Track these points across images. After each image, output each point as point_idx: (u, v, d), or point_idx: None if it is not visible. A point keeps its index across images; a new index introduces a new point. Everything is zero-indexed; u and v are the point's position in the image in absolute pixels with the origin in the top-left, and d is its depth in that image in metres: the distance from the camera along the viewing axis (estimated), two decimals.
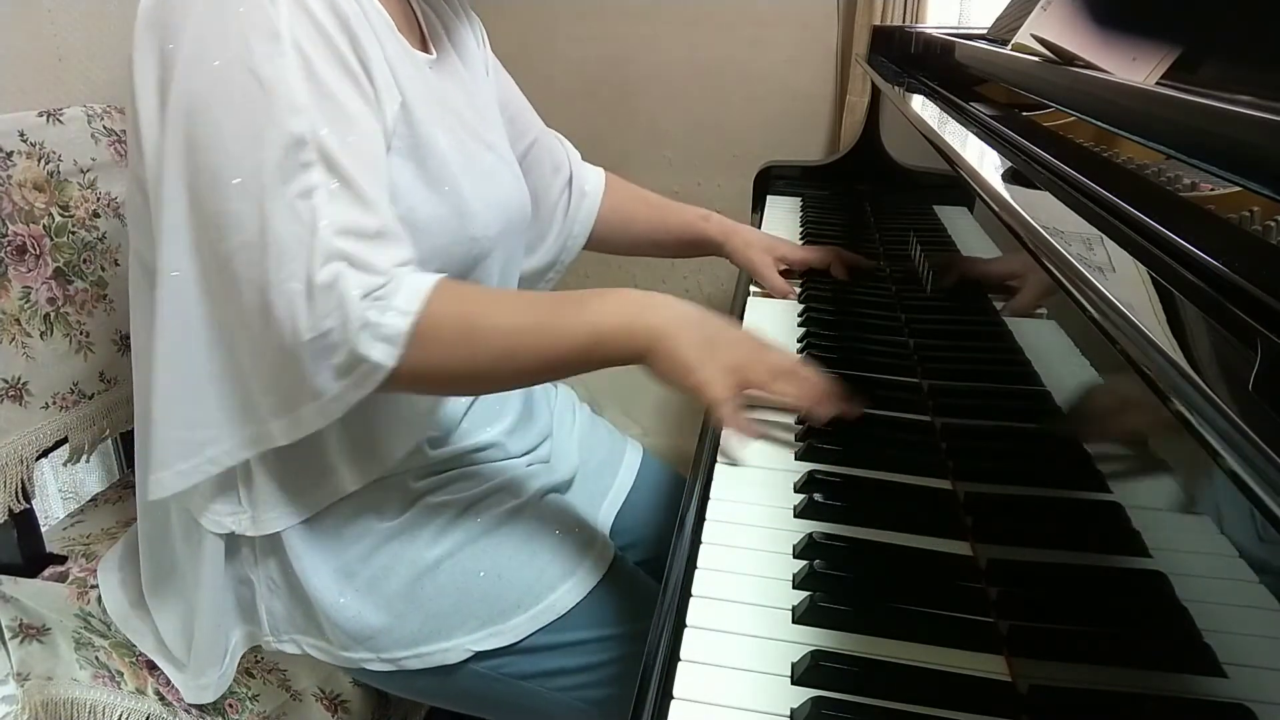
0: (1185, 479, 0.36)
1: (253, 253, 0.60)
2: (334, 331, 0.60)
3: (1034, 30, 0.81)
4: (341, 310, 0.60)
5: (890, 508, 0.65)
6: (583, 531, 0.82)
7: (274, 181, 0.60)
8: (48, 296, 0.90)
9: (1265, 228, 0.43)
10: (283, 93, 0.60)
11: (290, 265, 0.60)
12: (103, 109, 0.98)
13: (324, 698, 0.86)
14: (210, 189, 0.61)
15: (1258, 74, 0.55)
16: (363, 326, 0.61)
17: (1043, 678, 0.48)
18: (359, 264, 0.61)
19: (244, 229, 0.61)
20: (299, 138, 0.60)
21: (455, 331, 0.64)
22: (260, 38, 0.60)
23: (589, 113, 1.93)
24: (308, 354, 0.61)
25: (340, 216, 0.61)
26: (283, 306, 0.60)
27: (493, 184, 0.80)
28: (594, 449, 0.98)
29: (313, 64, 0.62)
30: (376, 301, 0.61)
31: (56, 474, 1.52)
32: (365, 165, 0.63)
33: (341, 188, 0.61)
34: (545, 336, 0.66)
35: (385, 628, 0.75)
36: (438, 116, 0.74)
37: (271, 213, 0.60)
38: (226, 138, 0.60)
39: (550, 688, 0.76)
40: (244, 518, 0.74)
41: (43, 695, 0.93)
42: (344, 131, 0.62)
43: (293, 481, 0.74)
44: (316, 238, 0.60)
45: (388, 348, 0.61)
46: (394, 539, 0.76)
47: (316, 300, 0.60)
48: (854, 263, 1.08)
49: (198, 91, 0.61)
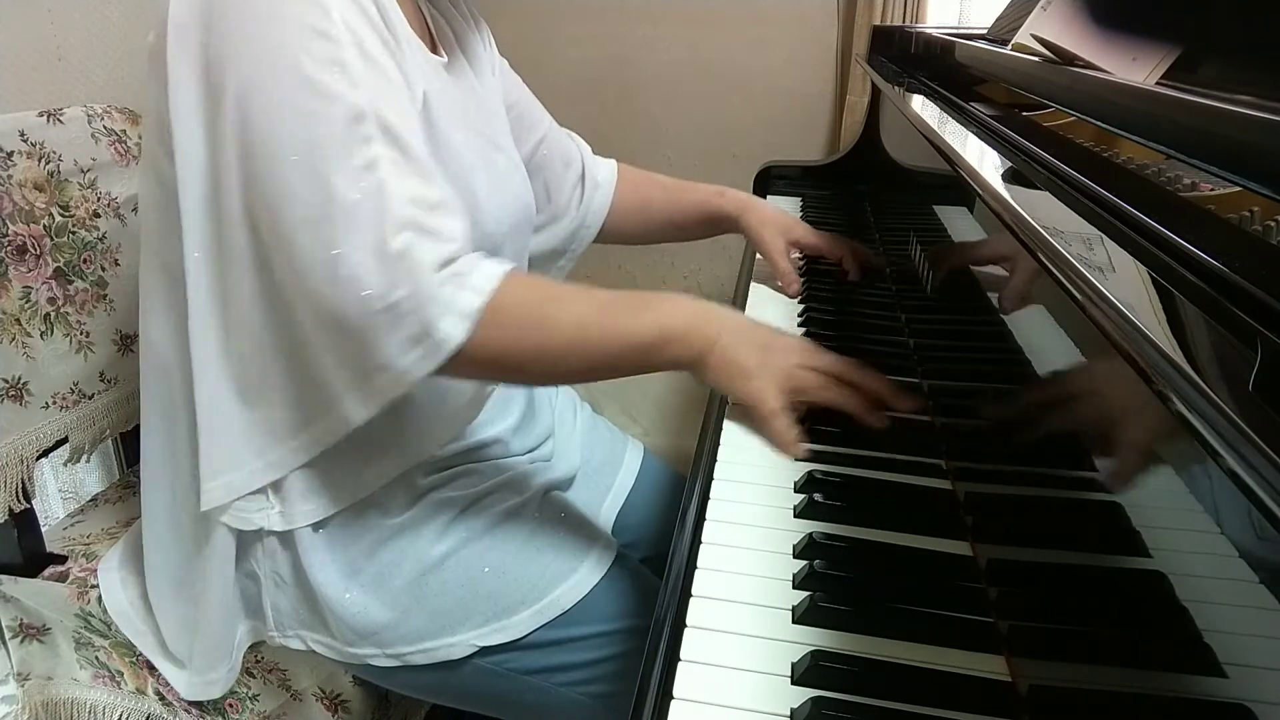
0: (1185, 479, 0.36)
1: (317, 227, 0.60)
2: (405, 300, 0.60)
3: (1034, 30, 0.81)
4: (413, 279, 0.60)
5: (890, 508, 0.65)
6: (585, 528, 0.82)
7: (337, 154, 0.60)
8: (48, 296, 0.90)
9: (1265, 228, 0.43)
10: (339, 70, 0.61)
11: (358, 236, 0.60)
12: (103, 109, 0.98)
13: (324, 697, 0.86)
14: (267, 170, 0.61)
15: (1258, 74, 0.55)
16: (434, 299, 0.61)
17: (1043, 678, 0.48)
18: (429, 231, 0.61)
19: (306, 203, 0.61)
20: (359, 111, 0.61)
21: (527, 316, 0.65)
22: (312, 16, 0.61)
23: (590, 113, 1.93)
24: (378, 325, 0.61)
25: (405, 187, 0.61)
26: (349, 277, 0.60)
27: (504, 183, 0.81)
28: (595, 448, 0.99)
29: (364, 42, 0.63)
30: (454, 276, 0.62)
31: (56, 474, 1.52)
32: (420, 139, 0.64)
33: (404, 159, 0.62)
34: (612, 331, 0.67)
35: (390, 623, 0.75)
36: (453, 117, 0.75)
37: (336, 184, 0.60)
38: (287, 116, 0.60)
39: (554, 683, 0.76)
40: (272, 513, 0.74)
41: (43, 695, 0.93)
42: (399, 106, 0.63)
43: (327, 474, 0.74)
44: (386, 207, 0.60)
45: (460, 322, 0.62)
46: (400, 535, 0.76)
47: (389, 268, 0.60)
48: (865, 259, 1.08)
49: (253, 77, 0.61)
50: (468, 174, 0.74)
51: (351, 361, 0.63)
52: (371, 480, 0.75)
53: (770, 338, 0.71)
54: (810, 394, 0.69)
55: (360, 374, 0.64)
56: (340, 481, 0.74)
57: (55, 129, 0.91)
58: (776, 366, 0.68)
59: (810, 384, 0.69)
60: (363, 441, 0.73)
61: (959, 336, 0.79)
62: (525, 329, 0.65)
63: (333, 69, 0.61)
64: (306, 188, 0.61)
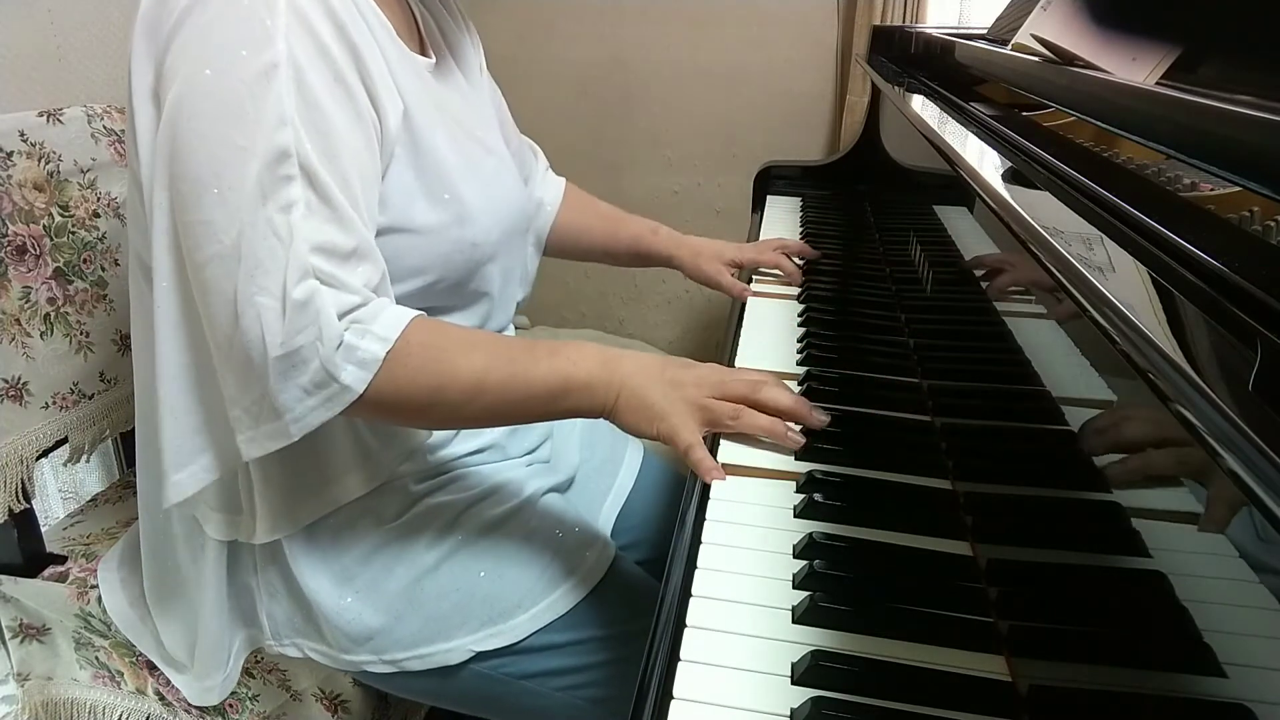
0: (1185, 479, 0.36)
1: (227, 264, 0.60)
2: (306, 348, 0.60)
3: (1034, 30, 0.81)
4: (317, 327, 0.60)
5: (890, 508, 0.65)
6: (583, 531, 0.82)
7: (255, 194, 0.59)
8: (48, 296, 0.90)
9: (1265, 228, 0.43)
10: (271, 105, 0.59)
11: (263, 279, 0.59)
12: (103, 109, 0.98)
13: (324, 698, 0.86)
14: (191, 197, 0.60)
15: (1258, 74, 0.55)
16: (339, 346, 0.61)
17: (1043, 678, 0.48)
18: (333, 282, 0.61)
19: (219, 239, 0.60)
20: (283, 150, 0.60)
21: (426, 362, 0.64)
22: (254, 48, 0.59)
23: (589, 113, 1.93)
24: (276, 370, 0.60)
25: (316, 233, 0.60)
26: (253, 319, 0.59)
27: (494, 187, 0.80)
28: (595, 448, 0.99)
29: (305, 76, 0.61)
30: (355, 324, 0.61)
31: (56, 474, 1.52)
32: (347, 182, 0.63)
33: (320, 203, 0.61)
34: (512, 380, 0.66)
35: (386, 629, 0.75)
36: (439, 122, 0.74)
37: (249, 224, 0.59)
38: (211, 146, 0.60)
39: (551, 687, 0.76)
40: (248, 525, 0.74)
41: (43, 695, 0.93)
42: (329, 147, 0.62)
43: (293, 491, 0.74)
44: (292, 253, 0.59)
45: (360, 372, 0.61)
46: (394, 541, 0.76)
47: (290, 316, 0.59)
48: (800, 252, 1.12)
49: (187, 99, 0.60)
50: (454, 183, 0.73)
51: (247, 401, 0.62)
52: (337, 496, 0.75)
53: (679, 373, 0.70)
54: (722, 425, 0.69)
55: (253, 416, 0.63)
56: (304, 498, 0.74)
57: (55, 129, 0.91)
58: (688, 401, 0.68)
59: (722, 414, 0.68)
60: (322, 459, 0.73)
61: (959, 337, 0.79)
62: (424, 376, 0.64)
63: (265, 102, 0.59)
64: (222, 221, 0.60)
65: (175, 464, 0.67)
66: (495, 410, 0.67)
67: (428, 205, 0.71)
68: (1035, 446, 0.55)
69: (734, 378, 0.71)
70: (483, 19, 0.93)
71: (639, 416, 0.67)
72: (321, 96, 0.62)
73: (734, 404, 0.69)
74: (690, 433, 0.67)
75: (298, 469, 0.72)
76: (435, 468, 0.80)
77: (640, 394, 0.67)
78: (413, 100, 0.70)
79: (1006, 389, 0.63)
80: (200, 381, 0.66)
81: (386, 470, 0.76)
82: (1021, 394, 0.58)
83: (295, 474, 0.73)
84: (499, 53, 1.00)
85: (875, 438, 0.73)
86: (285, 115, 0.60)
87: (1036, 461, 0.55)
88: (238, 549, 0.77)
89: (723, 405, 0.69)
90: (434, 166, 0.72)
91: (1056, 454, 0.51)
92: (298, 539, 0.75)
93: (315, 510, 0.75)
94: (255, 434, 0.63)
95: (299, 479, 0.73)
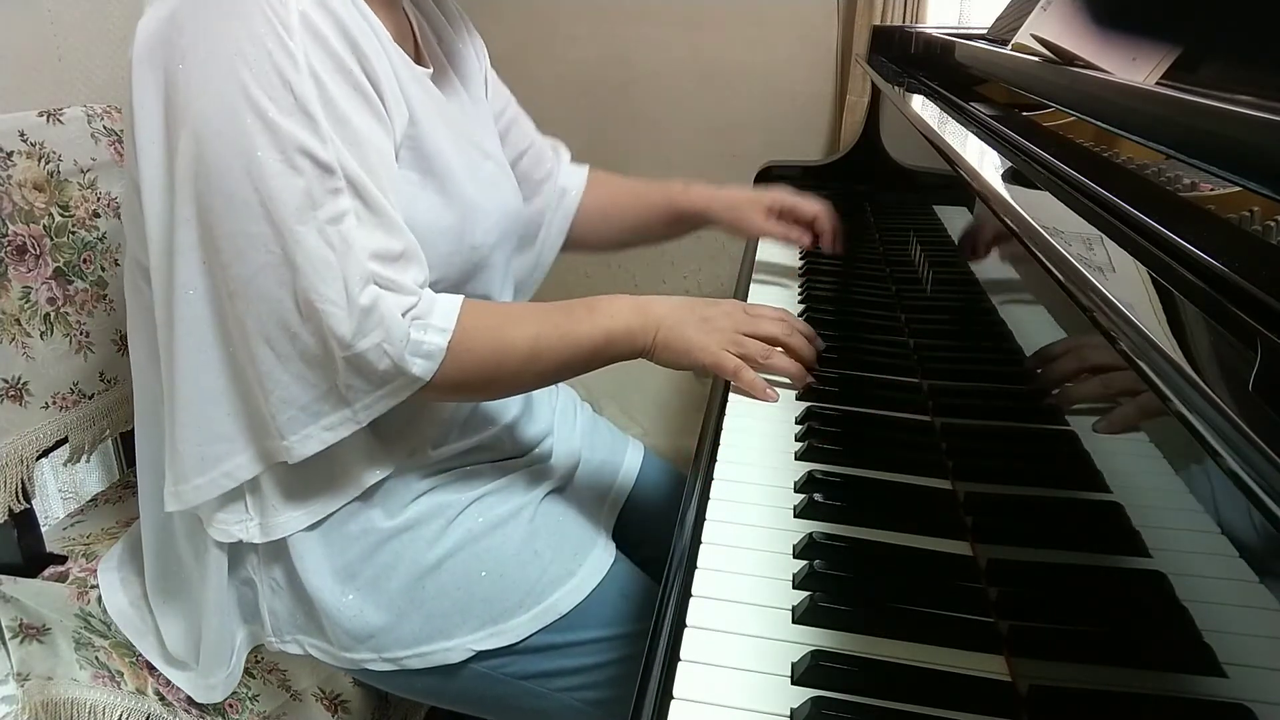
0: (1185, 479, 0.36)
1: (280, 272, 0.62)
2: (373, 350, 0.64)
3: (1034, 30, 0.81)
4: (384, 329, 0.63)
5: (890, 508, 0.65)
6: (584, 532, 0.82)
7: (303, 206, 0.61)
8: (48, 296, 0.90)
9: (1265, 228, 0.43)
10: (307, 119, 0.61)
11: (324, 288, 0.62)
12: (103, 109, 0.98)
13: (324, 698, 0.86)
14: (227, 211, 0.61)
15: (1258, 74, 0.55)
16: (406, 344, 0.65)
17: (1043, 678, 0.48)
18: (392, 286, 0.64)
19: (269, 250, 0.62)
20: (328, 165, 0.61)
21: (486, 343, 0.69)
22: (278, 61, 0.60)
23: (589, 113, 1.93)
24: (345, 367, 0.64)
25: (370, 241, 0.63)
26: (318, 323, 0.62)
27: (494, 192, 0.81)
28: (595, 448, 0.99)
29: (326, 89, 0.62)
30: (416, 320, 0.65)
31: (56, 474, 1.52)
32: (385, 188, 0.65)
33: (368, 212, 0.64)
34: (561, 341, 0.72)
35: (387, 627, 0.75)
36: (441, 128, 0.74)
37: (302, 236, 0.61)
38: (246, 159, 0.60)
39: (551, 688, 0.76)
40: (251, 525, 0.74)
41: (43, 695, 0.93)
42: (364, 157, 0.64)
43: (304, 486, 0.74)
44: (351, 262, 0.62)
45: (427, 363, 0.66)
46: (395, 538, 0.76)
47: (358, 321, 0.63)
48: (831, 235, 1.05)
49: (213, 112, 0.60)
50: (458, 186, 0.74)
51: (306, 399, 0.66)
52: (349, 488, 0.75)
53: (708, 310, 0.76)
54: (753, 361, 0.76)
55: (311, 414, 0.66)
56: (317, 492, 0.74)
57: (55, 129, 0.91)
58: (719, 332, 0.75)
59: (755, 352, 0.76)
60: (331, 453, 0.72)
61: (959, 337, 0.79)
62: (486, 355, 0.69)
63: (301, 118, 0.60)
64: (269, 233, 0.61)
65: (197, 469, 0.69)
66: (549, 372, 0.73)
67: (432, 207, 0.72)
68: (1035, 446, 0.56)
69: (763, 315, 0.79)
70: (483, 19, 0.93)
71: (676, 351, 0.74)
72: (344, 107, 0.63)
73: (766, 344, 0.76)
74: (729, 360, 0.74)
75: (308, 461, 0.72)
76: (438, 465, 0.80)
77: (676, 331, 0.73)
78: (417, 106, 0.71)
79: (1006, 389, 0.63)
80: (234, 391, 0.68)
81: (392, 462, 0.76)
82: (1021, 394, 0.59)
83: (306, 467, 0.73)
84: (499, 53, 0.99)
85: (875, 438, 0.73)
86: (323, 132, 0.61)
87: (1036, 461, 0.55)
88: (240, 545, 0.77)
89: (755, 343, 0.76)
90: (438, 170, 0.72)
91: (1056, 454, 0.51)
92: (301, 535, 0.75)
93: (333, 501, 0.75)
94: (313, 429, 0.67)
95: (312, 470, 0.73)
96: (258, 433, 0.69)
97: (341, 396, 0.66)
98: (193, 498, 0.70)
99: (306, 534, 0.75)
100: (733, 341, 0.75)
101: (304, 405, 0.66)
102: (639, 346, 0.74)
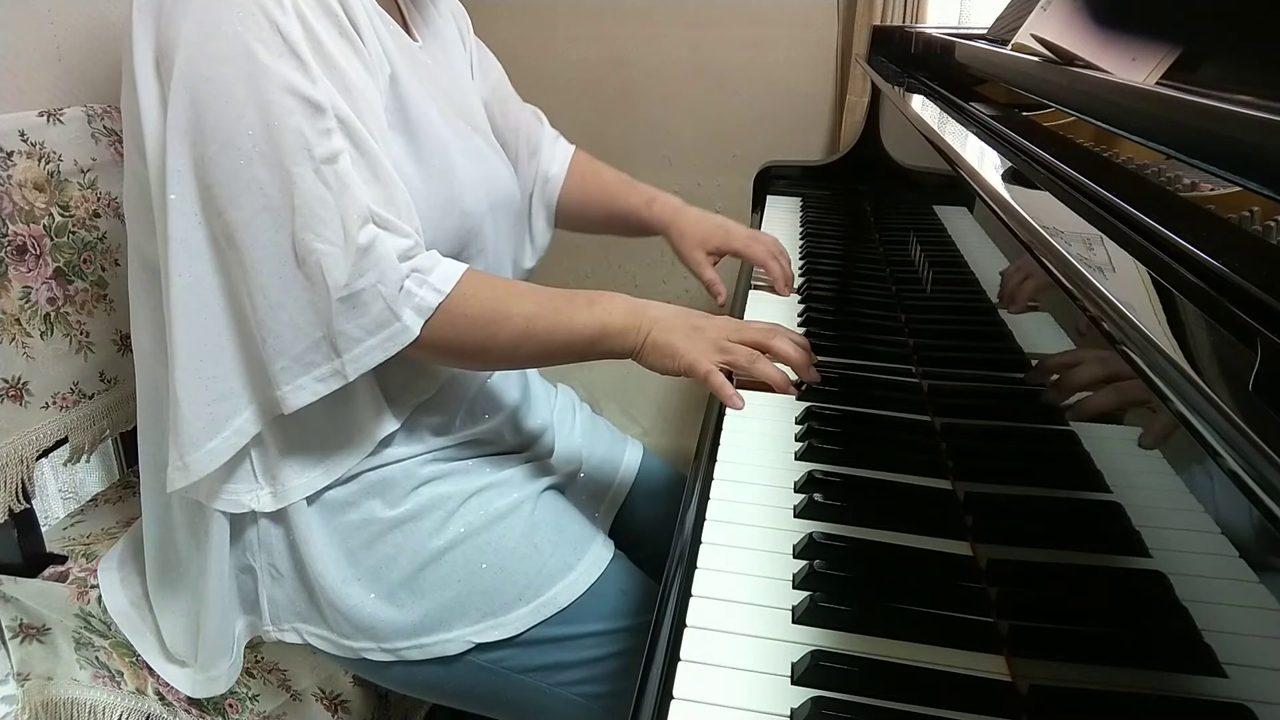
0: (1185, 479, 0.36)
1: (278, 215, 0.62)
2: (368, 290, 0.64)
3: (1034, 30, 0.81)
4: (379, 270, 0.64)
5: (890, 508, 0.65)
6: (584, 527, 0.82)
7: (297, 146, 0.61)
8: (48, 296, 0.90)
9: (1265, 228, 0.43)
10: (297, 61, 0.61)
11: (322, 228, 0.62)
12: (103, 109, 0.98)
13: (324, 698, 0.86)
14: (222, 156, 0.62)
15: (1258, 74, 0.55)
16: (400, 291, 0.65)
17: (1043, 678, 0.48)
18: (389, 226, 0.65)
19: (264, 193, 0.62)
20: (319, 105, 0.62)
21: (483, 311, 0.70)
22: (267, 5, 0.61)
23: (589, 113, 1.93)
24: (339, 310, 0.64)
25: (366, 180, 0.64)
26: (314, 265, 0.63)
27: (481, 162, 0.82)
28: (595, 448, 0.99)
29: (315, 31, 0.63)
30: (415, 273, 0.66)
31: (56, 474, 1.52)
32: (375, 134, 0.66)
33: (359, 154, 0.64)
34: (557, 327, 0.73)
35: (387, 617, 0.75)
36: (428, 93, 0.75)
37: (298, 177, 0.62)
38: (237, 104, 0.61)
39: (550, 682, 0.76)
40: (263, 494, 0.74)
41: (43, 695, 0.93)
42: (353, 101, 0.65)
43: (317, 444, 0.74)
44: (349, 201, 0.63)
45: (417, 316, 0.67)
46: (397, 528, 0.76)
47: (355, 260, 0.63)
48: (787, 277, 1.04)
49: (203, 59, 0.61)
50: (444, 151, 0.75)
51: (299, 349, 0.66)
52: (363, 443, 0.75)
53: (699, 320, 0.77)
54: (738, 366, 0.75)
55: (304, 364, 0.66)
56: (332, 449, 0.75)
57: (55, 129, 0.91)
58: (708, 340, 0.75)
59: (740, 357, 0.75)
60: (343, 407, 0.73)
61: (959, 336, 0.79)
62: (481, 322, 0.70)
63: (290, 60, 0.61)
64: (264, 175, 0.62)
65: (207, 431, 0.69)
66: (540, 353, 0.74)
67: (418, 171, 0.73)
68: (1035, 446, 0.56)
69: (754, 326, 0.79)
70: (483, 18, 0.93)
71: (662, 354, 0.74)
72: (334, 52, 0.64)
73: (751, 349, 0.76)
74: (709, 362, 0.74)
75: (320, 419, 0.73)
76: (439, 455, 0.80)
77: (665, 336, 0.75)
78: (400, 66, 0.72)
79: (1006, 389, 0.63)
80: (237, 343, 0.68)
81: (404, 410, 0.78)
82: (1021, 394, 0.59)
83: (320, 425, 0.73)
84: (499, 53, 0.99)
85: (875, 438, 0.74)
86: (313, 73, 0.62)
87: (1036, 461, 0.55)
88: (241, 531, 0.76)
89: (741, 349, 0.76)
90: (423, 134, 0.74)
91: (1056, 454, 0.51)
92: (304, 518, 0.75)
93: (347, 459, 0.75)
94: (305, 380, 0.67)
95: (325, 427, 0.74)
96: (261, 384, 0.69)
97: (333, 346, 0.66)
98: (205, 464, 0.69)
99: (310, 518, 0.75)
100: (719, 349, 0.75)
101: (296, 355, 0.66)
102: (629, 345, 0.75)
